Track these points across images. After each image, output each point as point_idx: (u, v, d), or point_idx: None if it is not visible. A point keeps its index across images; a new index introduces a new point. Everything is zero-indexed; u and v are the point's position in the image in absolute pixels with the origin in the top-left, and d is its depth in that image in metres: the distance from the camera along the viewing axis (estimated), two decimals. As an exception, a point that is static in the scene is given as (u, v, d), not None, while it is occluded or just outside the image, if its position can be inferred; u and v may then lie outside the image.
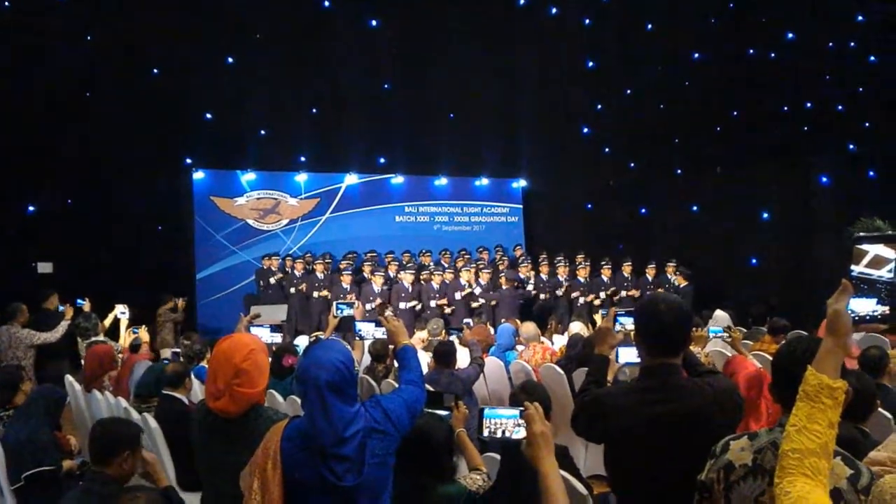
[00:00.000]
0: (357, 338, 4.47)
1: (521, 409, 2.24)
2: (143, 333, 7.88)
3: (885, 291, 10.58)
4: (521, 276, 13.24)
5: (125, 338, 8.03)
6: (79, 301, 8.73)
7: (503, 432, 2.26)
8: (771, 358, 6.26)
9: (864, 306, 9.19)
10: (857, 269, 10.97)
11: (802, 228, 14.82)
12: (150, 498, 2.54)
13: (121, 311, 8.43)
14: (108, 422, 3.70)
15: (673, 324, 2.69)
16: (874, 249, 11.09)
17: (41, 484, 4.49)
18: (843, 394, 1.75)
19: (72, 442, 5.50)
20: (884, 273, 10.75)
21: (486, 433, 2.28)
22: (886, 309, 10.25)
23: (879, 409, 4.06)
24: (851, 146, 14.82)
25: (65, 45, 12.05)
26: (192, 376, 6.61)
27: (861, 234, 11.71)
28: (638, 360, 2.96)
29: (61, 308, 8.70)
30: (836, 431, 1.73)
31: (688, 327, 2.78)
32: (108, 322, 8.55)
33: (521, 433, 2.24)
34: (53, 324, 8.62)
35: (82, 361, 7.89)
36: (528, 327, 8.04)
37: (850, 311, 1.86)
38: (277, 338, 6.08)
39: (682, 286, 12.89)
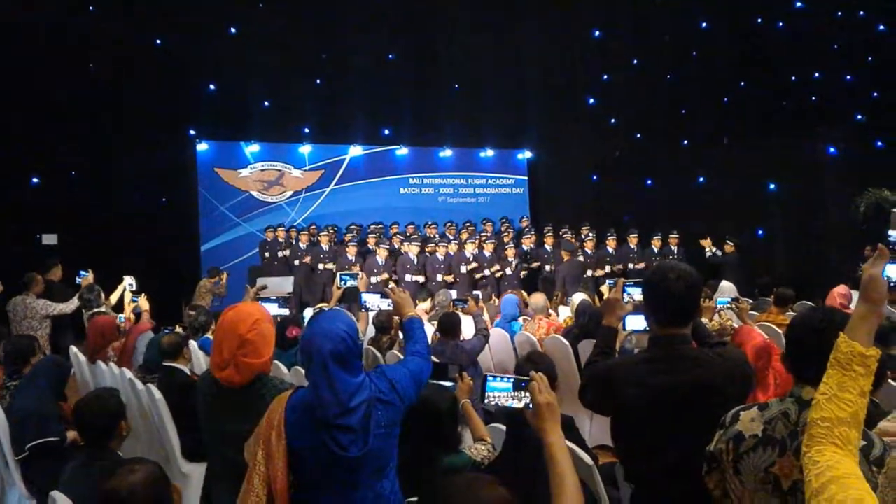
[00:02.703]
0: (362, 309, 4.44)
1: (524, 378, 2.20)
2: (143, 302, 7.86)
3: (922, 259, 10.37)
4: (525, 248, 13.21)
5: (129, 308, 8.02)
6: (82, 272, 8.72)
7: (505, 402, 2.23)
8: (778, 328, 6.27)
9: None
10: (894, 233, 10.71)
11: (810, 199, 14.76)
12: (148, 470, 2.52)
13: (129, 283, 8.42)
14: (93, 402, 3.58)
15: (683, 293, 2.65)
16: (911, 214, 10.84)
17: (46, 455, 4.49)
18: (876, 362, 1.70)
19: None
20: None
21: (486, 402, 2.24)
22: None
23: (889, 380, 4.04)
24: (859, 116, 14.72)
25: (68, 16, 11.95)
26: (192, 346, 6.63)
27: None
28: (645, 328, 2.93)
29: (80, 277, 8.68)
30: (867, 401, 1.68)
31: (697, 297, 2.74)
32: (116, 295, 8.53)
33: (518, 403, 2.20)
34: (60, 295, 8.63)
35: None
36: (538, 298, 8.03)
37: (885, 278, 1.79)
38: (285, 311, 6.07)
39: (729, 254, 12.79)
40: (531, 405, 2.15)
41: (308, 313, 8.99)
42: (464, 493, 1.75)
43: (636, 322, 3.63)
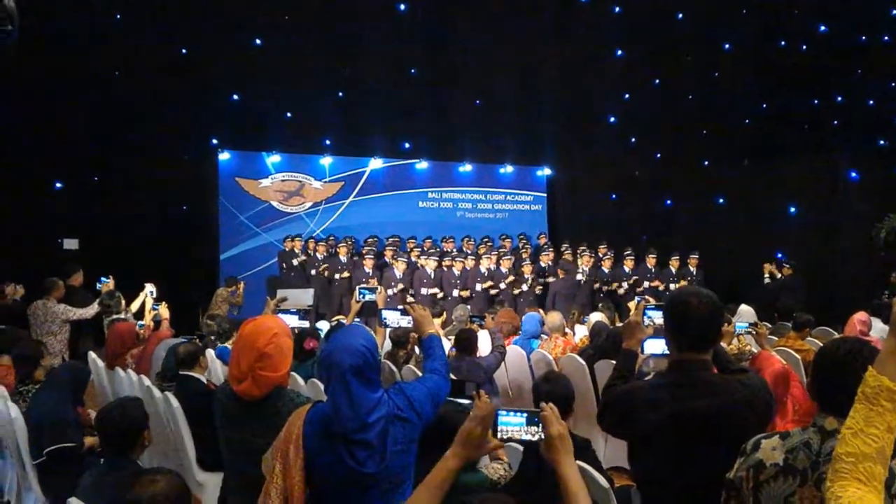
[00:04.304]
0: (382, 326, 4.44)
1: (536, 412, 2.18)
2: (164, 310, 7.91)
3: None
4: (542, 265, 13.19)
5: (149, 316, 8.07)
6: (102, 279, 8.79)
7: (518, 436, 2.20)
8: (796, 354, 6.22)
9: None
10: None
11: (830, 223, 14.68)
12: (170, 481, 2.53)
13: (150, 290, 8.48)
14: (117, 411, 3.56)
15: (705, 318, 2.63)
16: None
17: (63, 460, 4.51)
18: None
19: (93, 418, 5.53)
20: None
21: (498, 436, 2.22)
22: None
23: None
24: (882, 141, 14.63)
25: (95, 25, 12.08)
26: (210, 354, 6.66)
27: None
28: (664, 351, 2.91)
29: (100, 283, 8.75)
30: (894, 436, 1.66)
31: (719, 323, 2.72)
32: (137, 302, 8.59)
33: (532, 437, 2.18)
34: (80, 300, 8.69)
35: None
36: (554, 317, 8.00)
37: None
38: (305, 324, 6.08)
39: (788, 277, 12.76)
40: (543, 436, 2.14)
41: (323, 325, 9.01)
42: None
43: (655, 346, 3.61)
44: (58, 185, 12.54)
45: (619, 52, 15.97)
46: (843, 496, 1.59)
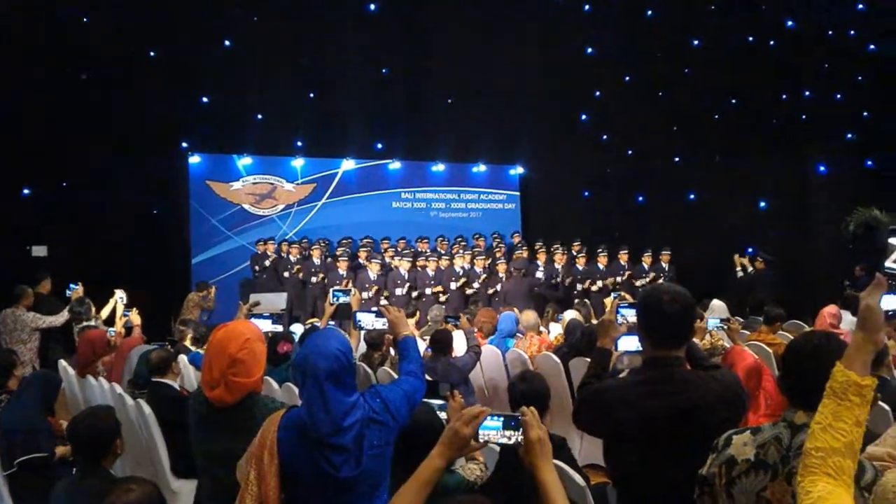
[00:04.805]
0: (357, 328, 4.42)
1: (514, 416, 2.18)
2: (135, 316, 7.85)
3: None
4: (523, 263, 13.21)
5: (120, 323, 7.99)
6: (72, 285, 8.69)
7: (496, 439, 2.20)
8: (768, 348, 6.28)
9: (894, 302, 9.04)
10: (888, 263, 10.74)
11: (799, 217, 14.84)
12: (145, 489, 2.51)
13: (120, 297, 8.39)
14: (89, 419, 3.54)
15: (677, 316, 2.65)
16: (905, 244, 10.83)
17: (35, 469, 4.46)
18: (872, 392, 1.70)
19: (65, 427, 5.46)
20: None
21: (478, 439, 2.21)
22: None
23: (879, 402, 4.04)
24: (849, 135, 14.82)
25: (62, 26, 11.93)
26: (182, 360, 6.60)
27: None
28: (637, 348, 2.93)
29: (69, 290, 8.65)
30: (863, 430, 1.68)
31: (692, 319, 2.75)
32: (108, 309, 8.50)
33: (509, 441, 2.18)
34: (49, 308, 8.59)
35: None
36: (529, 316, 8.01)
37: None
38: (279, 328, 6.05)
39: (760, 271, 12.77)
40: (522, 440, 2.13)
41: (297, 328, 8.97)
42: None
43: (629, 343, 3.63)
44: (25, 191, 12.36)
45: (590, 51, 16.04)
46: (812, 490, 1.61)
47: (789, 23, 15.20)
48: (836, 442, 1.64)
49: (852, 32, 14.81)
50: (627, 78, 15.95)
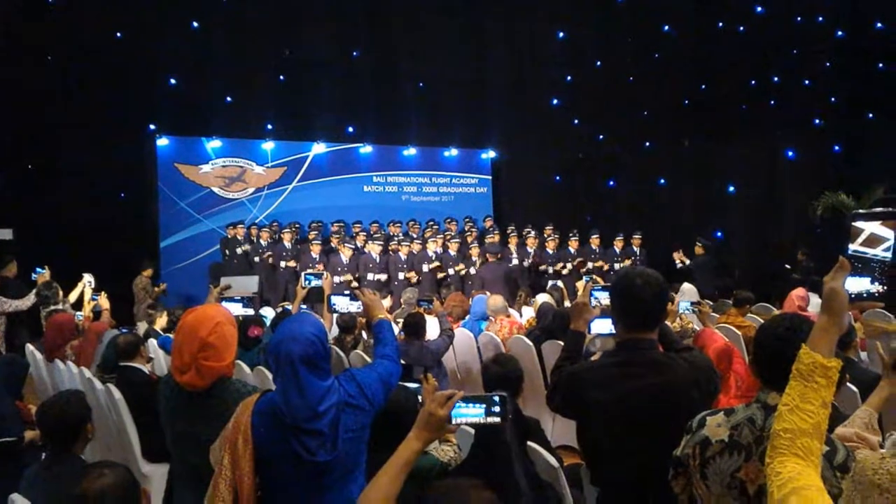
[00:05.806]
0: (331, 311, 4.40)
1: (482, 396, 2.19)
2: (103, 300, 7.75)
3: (878, 270, 10.60)
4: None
5: (88, 307, 7.89)
6: (38, 269, 8.57)
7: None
8: (737, 330, 6.35)
9: (858, 285, 9.19)
10: (852, 247, 10.96)
11: (768, 202, 15.00)
12: (118, 474, 2.49)
13: (88, 281, 8.28)
14: (58, 404, 3.51)
15: (650, 298, 2.67)
16: (870, 228, 11.06)
17: (2, 455, 4.40)
18: (837, 373, 1.73)
19: (33, 412, 5.40)
20: (879, 252, 10.74)
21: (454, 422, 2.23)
22: (881, 287, 10.25)
23: (847, 384, 4.12)
24: (817, 121, 14.98)
25: (26, 8, 11.70)
26: (152, 344, 6.54)
27: (860, 211, 11.70)
28: (611, 331, 2.94)
29: (35, 274, 8.54)
30: (829, 411, 1.71)
31: (664, 302, 2.77)
32: (76, 293, 8.39)
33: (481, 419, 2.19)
34: (15, 292, 8.47)
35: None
36: (496, 300, 8.02)
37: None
38: (250, 311, 6.01)
39: (698, 256, 12.68)
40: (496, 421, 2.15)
41: (268, 312, 8.92)
42: (452, 497, 1.76)
43: (602, 325, 3.65)
44: (-11, 174, 12.14)
45: (561, 35, 16.04)
46: (782, 472, 1.63)
47: (759, 9, 15.30)
48: (803, 423, 1.67)
49: (820, 19, 14.95)
50: (598, 63, 15.99)
